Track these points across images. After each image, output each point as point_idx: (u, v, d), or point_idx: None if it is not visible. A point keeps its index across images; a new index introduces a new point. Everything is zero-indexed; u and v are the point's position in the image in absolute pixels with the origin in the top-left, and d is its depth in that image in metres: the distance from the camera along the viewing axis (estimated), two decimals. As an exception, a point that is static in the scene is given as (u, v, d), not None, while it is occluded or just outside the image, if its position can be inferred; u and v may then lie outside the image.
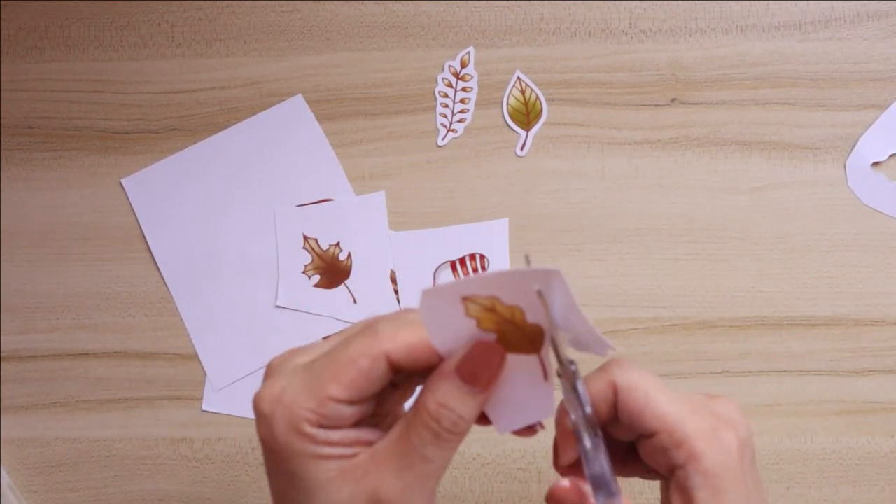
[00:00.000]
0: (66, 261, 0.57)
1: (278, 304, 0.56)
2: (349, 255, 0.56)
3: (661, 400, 0.33)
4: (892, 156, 0.56)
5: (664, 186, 0.56)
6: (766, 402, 0.54)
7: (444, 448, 0.30)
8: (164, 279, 0.56)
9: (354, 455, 0.31)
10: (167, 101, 0.58)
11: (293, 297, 0.56)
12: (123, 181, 0.57)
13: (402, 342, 0.30)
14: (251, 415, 0.55)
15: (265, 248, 0.56)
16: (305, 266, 0.56)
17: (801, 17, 0.57)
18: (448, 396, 0.30)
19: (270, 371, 0.32)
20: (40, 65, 0.59)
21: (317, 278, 0.56)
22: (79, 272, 0.57)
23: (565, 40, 0.58)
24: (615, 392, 0.33)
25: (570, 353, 0.31)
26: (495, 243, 0.56)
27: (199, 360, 0.56)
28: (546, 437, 0.53)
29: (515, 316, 0.29)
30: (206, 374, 0.56)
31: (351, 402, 0.30)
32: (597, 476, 0.31)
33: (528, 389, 0.31)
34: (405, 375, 0.32)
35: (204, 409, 0.55)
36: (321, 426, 0.30)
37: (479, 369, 0.30)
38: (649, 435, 0.33)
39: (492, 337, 0.30)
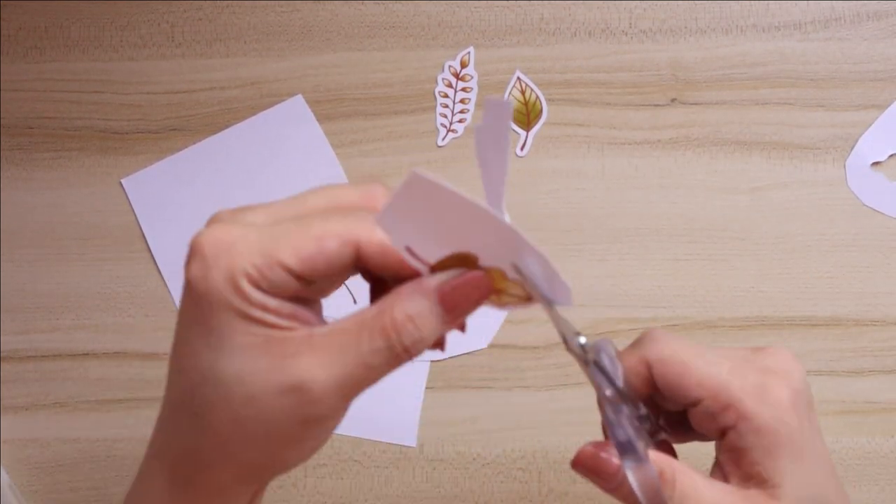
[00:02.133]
0: (66, 261, 0.57)
1: (278, 304, 0.56)
2: (349, 255, 0.56)
3: (700, 366, 0.32)
4: (892, 156, 0.56)
5: (664, 186, 0.56)
6: (766, 402, 0.54)
7: (389, 363, 0.28)
8: (164, 279, 0.56)
9: (288, 329, 0.28)
10: (167, 101, 0.58)
11: (293, 297, 0.56)
12: (123, 181, 0.57)
13: (379, 239, 0.28)
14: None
15: (265, 248, 0.57)
16: (305, 266, 0.56)
17: (801, 17, 0.57)
18: (421, 313, 0.28)
19: (219, 218, 0.29)
20: (40, 65, 0.59)
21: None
22: (79, 272, 0.57)
23: (565, 40, 0.58)
24: (648, 368, 0.33)
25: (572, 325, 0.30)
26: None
27: (199, 360, 0.56)
28: (546, 436, 0.53)
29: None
30: (206, 374, 0.56)
31: (299, 277, 0.27)
32: (622, 443, 0.30)
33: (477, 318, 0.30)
34: (365, 271, 0.30)
35: (204, 409, 0.55)
36: (259, 288, 0.27)
37: (461, 301, 0.28)
38: (694, 403, 0.32)
39: (480, 273, 0.28)
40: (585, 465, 0.32)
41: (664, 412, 0.35)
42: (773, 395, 0.31)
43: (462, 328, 0.30)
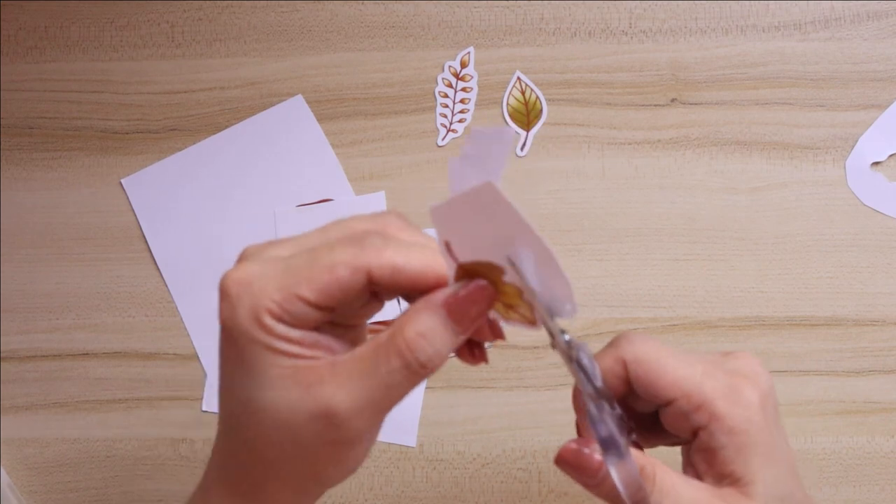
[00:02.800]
0: (66, 261, 0.57)
1: (278, 304, 0.56)
2: (349, 255, 0.56)
3: (674, 366, 0.33)
4: (891, 156, 0.56)
5: (664, 186, 0.56)
6: (766, 402, 0.54)
7: (409, 380, 0.29)
8: (164, 279, 0.56)
9: (313, 359, 0.29)
10: (167, 101, 0.58)
11: (293, 297, 0.56)
12: (123, 181, 0.57)
13: (387, 261, 0.29)
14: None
15: (265, 248, 0.57)
16: (305, 266, 0.56)
17: (801, 17, 0.57)
18: (431, 329, 0.29)
19: (245, 256, 0.31)
20: (40, 65, 0.59)
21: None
22: (79, 272, 0.57)
23: (565, 40, 0.58)
24: (625, 367, 0.33)
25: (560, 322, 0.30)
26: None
27: (199, 360, 0.56)
28: (546, 436, 0.53)
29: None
30: (206, 374, 0.56)
31: (318, 307, 0.29)
32: (605, 439, 0.31)
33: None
34: (379, 294, 0.31)
35: (204, 409, 0.55)
36: (282, 321, 0.29)
37: (468, 309, 0.29)
38: (667, 403, 0.33)
39: (484, 283, 0.29)
40: (568, 461, 0.32)
41: (634, 415, 0.35)
42: (743, 397, 0.32)
43: (500, 336, 0.32)
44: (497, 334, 0.32)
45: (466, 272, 0.29)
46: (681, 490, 0.32)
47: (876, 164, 0.56)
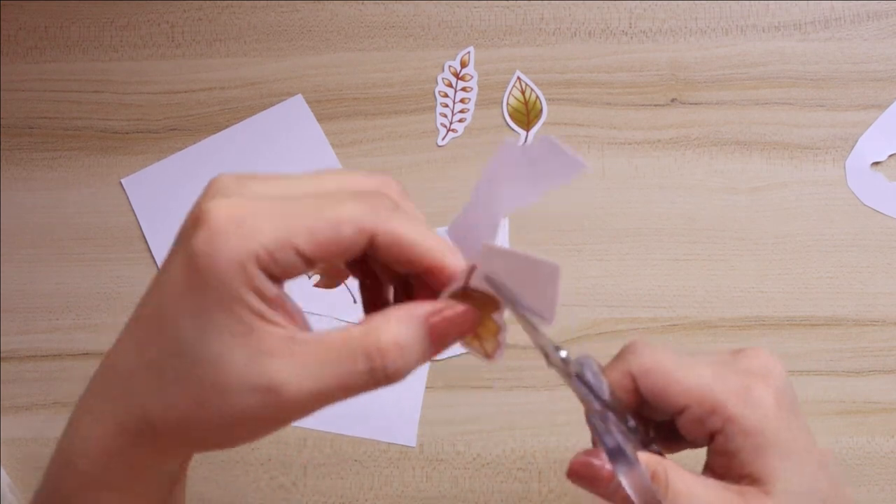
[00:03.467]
0: (66, 261, 0.57)
1: (278, 304, 0.56)
2: (349, 255, 0.56)
3: (682, 374, 0.32)
4: (891, 156, 0.56)
5: (664, 186, 0.56)
6: (766, 402, 0.54)
7: (367, 385, 0.27)
8: (164, 279, 0.56)
9: (273, 323, 0.27)
10: (167, 101, 0.58)
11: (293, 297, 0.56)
12: (123, 181, 0.57)
13: (394, 230, 0.27)
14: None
15: (265, 248, 0.57)
16: (305, 266, 0.56)
17: (801, 17, 0.57)
18: (409, 341, 0.27)
19: (223, 185, 0.28)
20: (40, 65, 0.59)
21: (317, 278, 0.56)
22: (79, 272, 0.57)
23: (565, 40, 0.58)
24: (633, 380, 0.33)
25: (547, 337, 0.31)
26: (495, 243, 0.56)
27: (199, 360, 0.56)
28: (546, 436, 0.53)
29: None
30: (206, 374, 0.55)
31: (308, 262, 0.26)
32: (612, 449, 0.31)
33: None
34: (364, 261, 0.29)
35: (204, 409, 0.55)
36: (265, 270, 0.26)
37: (450, 331, 0.28)
38: (680, 411, 0.32)
39: (472, 310, 0.29)
40: (579, 473, 0.32)
41: (653, 423, 0.35)
42: (756, 397, 0.32)
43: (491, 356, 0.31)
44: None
45: (463, 295, 0.29)
46: (695, 489, 0.31)
47: (876, 164, 0.56)
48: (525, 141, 0.57)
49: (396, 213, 0.28)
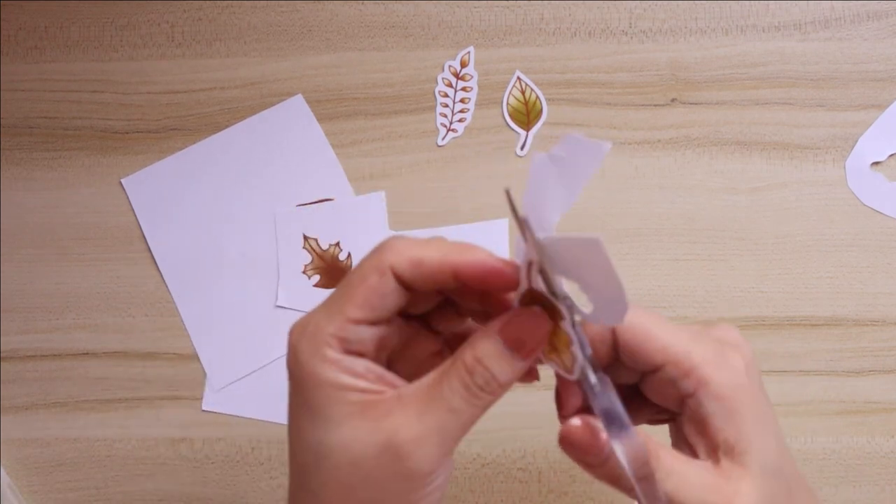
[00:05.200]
0: (66, 261, 0.57)
1: (278, 304, 0.56)
2: (349, 255, 0.56)
3: (662, 333, 0.32)
4: (891, 156, 0.56)
5: (664, 186, 0.56)
6: (766, 402, 0.54)
7: (472, 404, 0.30)
8: (164, 279, 0.56)
9: (379, 393, 0.30)
10: (167, 101, 0.58)
11: (293, 297, 0.56)
12: (123, 181, 0.57)
13: (406, 256, 0.30)
14: (251, 414, 0.55)
15: (265, 247, 0.56)
16: (305, 266, 0.56)
17: (801, 17, 0.57)
18: (487, 354, 0.30)
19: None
20: (40, 65, 0.59)
21: (317, 278, 0.56)
22: (79, 272, 0.57)
23: (565, 40, 0.58)
24: (612, 333, 0.33)
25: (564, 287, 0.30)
26: (495, 243, 0.56)
27: (199, 360, 0.56)
28: (546, 436, 0.53)
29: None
30: (206, 374, 0.56)
31: (369, 323, 0.30)
32: (607, 410, 0.30)
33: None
34: (416, 289, 0.31)
35: (204, 409, 0.55)
36: (344, 351, 0.30)
37: (524, 336, 0.30)
38: (654, 370, 0.32)
39: (536, 309, 0.30)
40: (575, 439, 0.31)
41: (616, 387, 0.34)
42: (730, 363, 0.32)
43: (534, 376, 0.32)
44: (531, 374, 0.32)
45: (533, 299, 0.30)
46: (686, 469, 0.31)
47: (876, 164, 0.56)
48: (525, 141, 0.57)
49: (404, 244, 0.31)
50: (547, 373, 0.54)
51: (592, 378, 0.30)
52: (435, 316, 0.34)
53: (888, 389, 0.54)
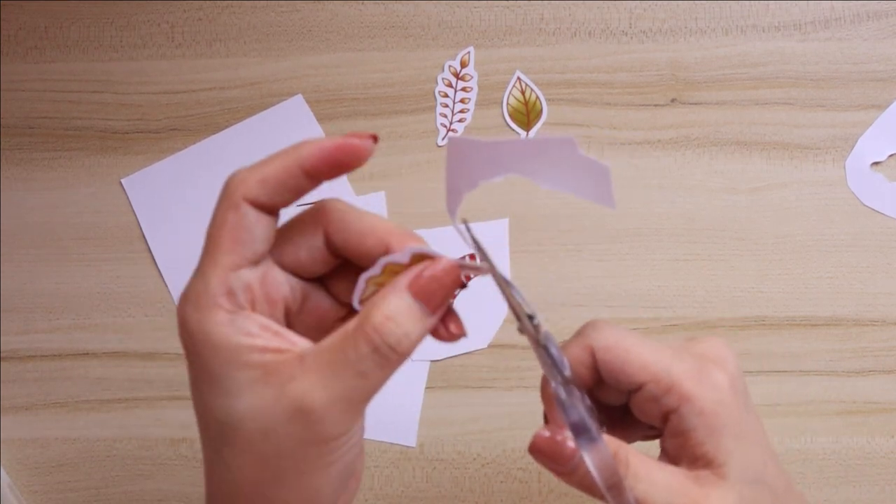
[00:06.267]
0: (66, 261, 0.57)
1: (278, 304, 0.56)
2: (349, 255, 0.56)
3: (642, 351, 0.32)
4: (891, 156, 0.56)
5: (664, 186, 0.56)
6: (766, 403, 0.54)
7: (381, 366, 0.28)
8: (164, 279, 0.56)
9: (278, 351, 0.28)
10: (167, 101, 0.58)
11: (293, 297, 0.56)
12: (123, 181, 0.57)
13: (252, 180, 0.31)
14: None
15: (265, 248, 0.57)
16: (305, 266, 0.56)
17: (801, 17, 0.57)
18: (398, 311, 0.28)
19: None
20: (40, 65, 0.59)
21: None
22: (79, 272, 0.57)
23: (565, 40, 0.58)
24: (592, 355, 0.33)
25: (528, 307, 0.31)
26: (495, 243, 0.56)
27: (199, 360, 0.56)
28: (546, 437, 0.53)
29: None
30: (206, 374, 0.55)
31: (249, 263, 0.29)
32: (575, 423, 0.31)
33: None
34: (310, 256, 0.31)
35: (204, 409, 0.55)
36: (234, 306, 0.29)
37: (433, 288, 0.29)
38: (636, 388, 0.32)
39: (448, 261, 0.30)
40: (541, 449, 0.32)
41: (604, 409, 0.35)
42: (712, 379, 0.32)
43: (460, 330, 0.31)
44: (457, 328, 0.31)
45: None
46: (655, 473, 0.31)
47: (876, 164, 0.56)
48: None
49: (344, 206, 0.31)
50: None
51: (562, 393, 0.31)
52: (336, 284, 0.33)
53: (888, 389, 0.54)
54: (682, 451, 0.32)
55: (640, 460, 0.32)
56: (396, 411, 0.53)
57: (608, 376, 0.33)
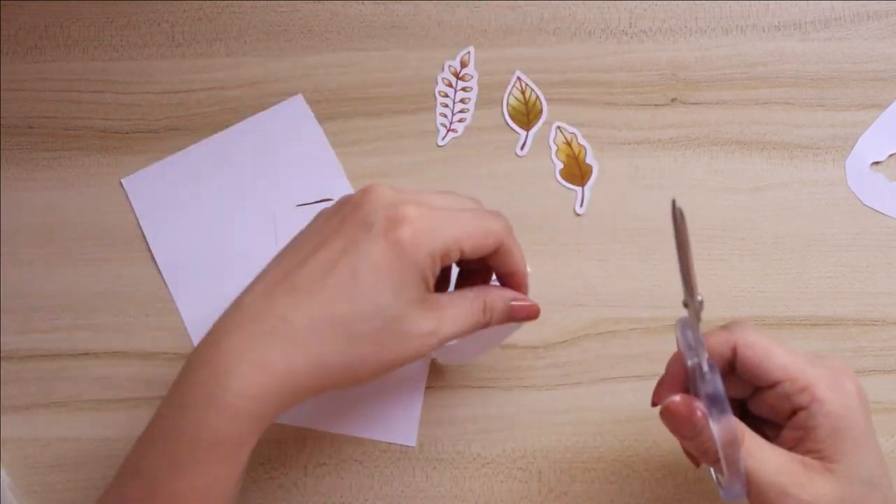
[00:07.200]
0: (66, 261, 0.57)
1: (278, 304, 0.56)
2: (349, 255, 0.56)
3: (781, 353, 0.37)
4: (891, 156, 0.56)
5: (664, 186, 0.56)
6: (766, 402, 0.54)
7: (478, 325, 0.41)
8: (164, 279, 0.56)
9: (430, 291, 0.39)
10: (167, 101, 0.58)
11: (293, 297, 0.56)
12: (123, 181, 0.57)
13: (508, 244, 0.41)
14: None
15: (265, 247, 0.56)
16: (305, 266, 0.56)
17: (801, 17, 0.57)
18: (500, 308, 0.42)
19: (400, 196, 0.39)
20: (40, 65, 0.59)
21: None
22: (79, 272, 0.57)
23: (565, 40, 0.58)
24: (734, 350, 0.38)
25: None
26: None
27: (199, 360, 0.56)
28: (546, 436, 0.53)
29: None
30: (206, 374, 0.55)
31: (463, 257, 0.39)
32: (712, 395, 0.35)
33: None
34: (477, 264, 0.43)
35: (204, 409, 0.55)
36: (440, 261, 0.38)
37: (518, 315, 0.43)
38: (771, 385, 0.37)
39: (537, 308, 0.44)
40: (675, 412, 0.36)
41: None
42: (844, 387, 0.37)
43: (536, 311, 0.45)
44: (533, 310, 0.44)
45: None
46: (766, 453, 0.36)
47: (876, 164, 0.56)
48: (525, 141, 0.57)
49: (512, 234, 0.42)
50: (546, 372, 0.54)
51: (706, 365, 0.36)
52: None
53: (888, 389, 0.54)
54: (798, 443, 0.36)
55: (754, 439, 0.36)
56: (396, 411, 0.53)
57: (746, 371, 0.38)
